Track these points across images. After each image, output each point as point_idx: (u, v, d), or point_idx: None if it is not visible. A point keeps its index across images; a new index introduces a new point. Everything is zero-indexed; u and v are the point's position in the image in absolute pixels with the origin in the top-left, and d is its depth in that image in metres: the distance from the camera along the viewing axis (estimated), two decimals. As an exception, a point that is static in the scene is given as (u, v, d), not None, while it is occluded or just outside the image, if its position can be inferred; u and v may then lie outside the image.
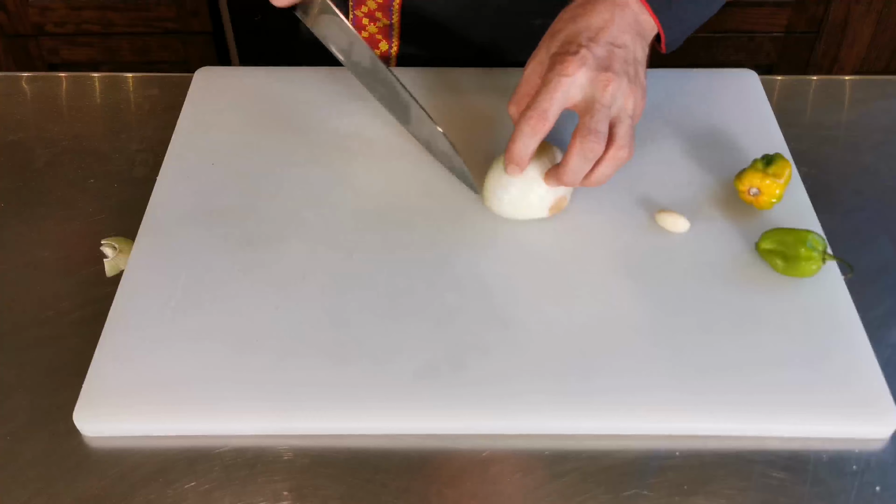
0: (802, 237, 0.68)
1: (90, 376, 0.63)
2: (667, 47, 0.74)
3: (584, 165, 0.68)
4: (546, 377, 0.62)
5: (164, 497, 0.58)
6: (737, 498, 0.58)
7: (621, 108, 0.68)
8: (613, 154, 0.67)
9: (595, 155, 0.67)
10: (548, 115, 0.66)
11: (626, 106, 0.68)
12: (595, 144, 0.66)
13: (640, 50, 0.71)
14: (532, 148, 0.68)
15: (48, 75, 0.96)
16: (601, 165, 0.68)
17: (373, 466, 0.59)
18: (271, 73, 0.90)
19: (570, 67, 0.66)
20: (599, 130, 0.66)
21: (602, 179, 0.69)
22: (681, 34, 0.75)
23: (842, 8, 1.74)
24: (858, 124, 0.89)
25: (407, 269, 0.70)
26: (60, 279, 0.72)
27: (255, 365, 0.63)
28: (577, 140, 0.66)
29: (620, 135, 0.67)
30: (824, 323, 0.66)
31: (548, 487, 0.58)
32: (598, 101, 0.67)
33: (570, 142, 0.67)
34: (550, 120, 0.67)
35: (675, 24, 0.73)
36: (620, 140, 0.67)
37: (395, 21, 0.92)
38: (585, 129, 0.66)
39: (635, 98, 0.69)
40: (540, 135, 0.67)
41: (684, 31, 0.75)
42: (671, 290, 0.68)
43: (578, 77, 0.66)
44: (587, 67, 0.67)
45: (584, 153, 0.66)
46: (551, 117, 0.67)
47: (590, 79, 0.67)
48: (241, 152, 0.80)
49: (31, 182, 0.82)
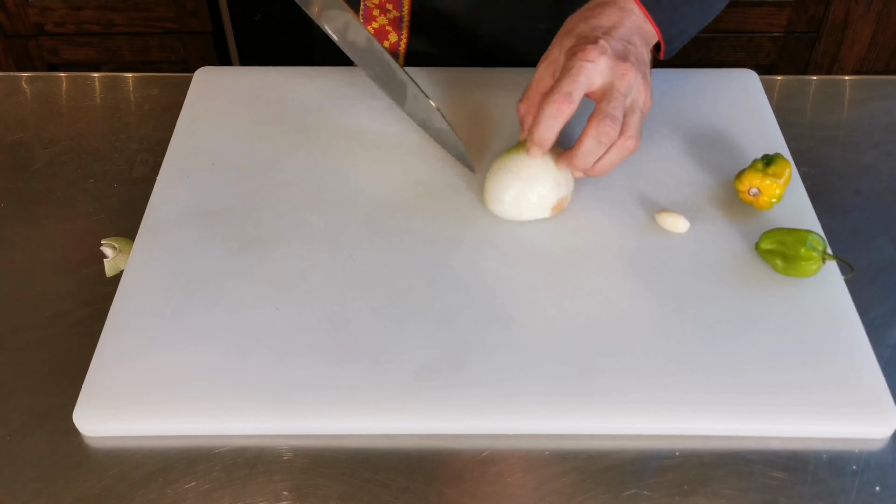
0: (802, 237, 0.68)
1: (90, 376, 0.63)
2: (665, 55, 0.76)
3: (598, 149, 0.69)
4: (546, 377, 0.62)
5: (164, 497, 0.58)
6: (737, 498, 0.58)
7: (635, 100, 0.69)
8: (622, 143, 0.69)
9: (609, 139, 0.68)
10: (572, 97, 0.68)
11: (638, 99, 0.70)
12: (610, 129, 0.67)
13: (646, 53, 0.73)
14: (556, 130, 0.69)
15: (48, 75, 0.96)
16: (609, 154, 0.70)
17: (373, 466, 0.59)
18: (271, 73, 0.90)
19: (592, 54, 0.68)
20: (616, 116, 0.68)
21: (607, 168, 0.71)
22: (678, 44, 0.77)
23: (842, 8, 1.74)
24: (858, 124, 0.89)
25: (407, 269, 0.70)
26: (60, 279, 0.72)
27: (255, 365, 0.63)
28: (594, 123, 0.68)
29: (630, 125, 0.69)
30: (824, 323, 0.66)
31: (548, 487, 0.58)
32: (616, 88, 0.68)
33: (586, 126, 0.68)
34: (574, 102, 0.68)
35: (676, 35, 0.75)
36: (630, 130, 0.69)
37: (405, 12, 0.93)
38: (602, 113, 0.68)
39: (645, 95, 0.70)
40: (564, 117, 0.68)
41: (682, 41, 0.77)
42: (671, 290, 0.68)
43: (600, 64, 0.68)
44: (607, 56, 0.68)
45: (598, 136, 0.68)
46: (575, 99, 0.68)
47: (609, 67, 0.68)
48: (241, 152, 0.80)
49: (31, 182, 0.82)
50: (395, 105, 0.82)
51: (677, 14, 0.74)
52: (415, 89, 0.79)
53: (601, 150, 0.69)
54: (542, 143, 0.70)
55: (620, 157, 0.70)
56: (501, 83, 0.87)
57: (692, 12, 0.76)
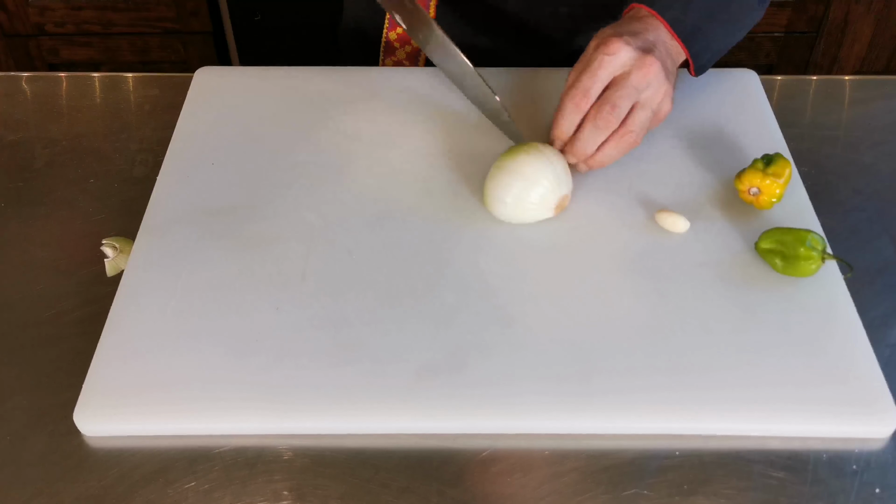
0: (802, 237, 0.68)
1: (90, 376, 0.63)
2: (696, 72, 0.77)
3: (595, 135, 0.69)
4: (546, 377, 0.62)
5: (164, 497, 0.58)
6: (737, 498, 0.58)
7: (649, 97, 0.70)
8: (621, 134, 0.70)
9: (607, 125, 0.68)
10: (590, 92, 0.69)
11: (653, 97, 0.70)
12: (610, 116, 0.68)
13: (671, 63, 0.73)
14: (575, 123, 0.70)
15: (48, 75, 0.96)
16: (607, 145, 0.70)
17: (373, 466, 0.59)
18: (271, 73, 0.90)
19: (613, 47, 0.69)
20: (618, 105, 0.68)
21: (605, 160, 0.71)
22: (706, 60, 0.77)
23: (842, 8, 1.74)
24: (858, 124, 0.89)
25: (407, 269, 0.70)
26: (60, 279, 0.72)
27: (255, 365, 0.63)
28: (593, 108, 0.69)
29: (635, 120, 0.69)
30: (824, 322, 0.66)
31: (548, 487, 0.58)
32: (631, 79, 0.69)
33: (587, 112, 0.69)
34: (592, 97, 0.69)
35: (701, 51, 0.76)
36: (632, 124, 0.69)
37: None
38: (604, 99, 0.68)
39: (665, 98, 0.70)
40: (581, 111, 0.69)
41: (709, 58, 0.78)
42: (671, 290, 0.68)
43: (621, 55, 0.69)
44: (630, 48, 0.69)
45: (595, 122, 0.68)
46: (593, 94, 0.69)
47: (631, 58, 0.69)
48: (241, 152, 0.80)
49: (31, 182, 0.82)
50: (394, 105, 0.82)
51: (700, 32, 0.75)
52: (485, 88, 0.80)
53: (599, 136, 0.69)
54: (561, 136, 0.71)
55: (619, 150, 0.70)
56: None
57: (716, 30, 0.76)
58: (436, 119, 0.82)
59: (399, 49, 0.95)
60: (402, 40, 0.95)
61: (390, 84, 0.87)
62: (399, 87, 0.87)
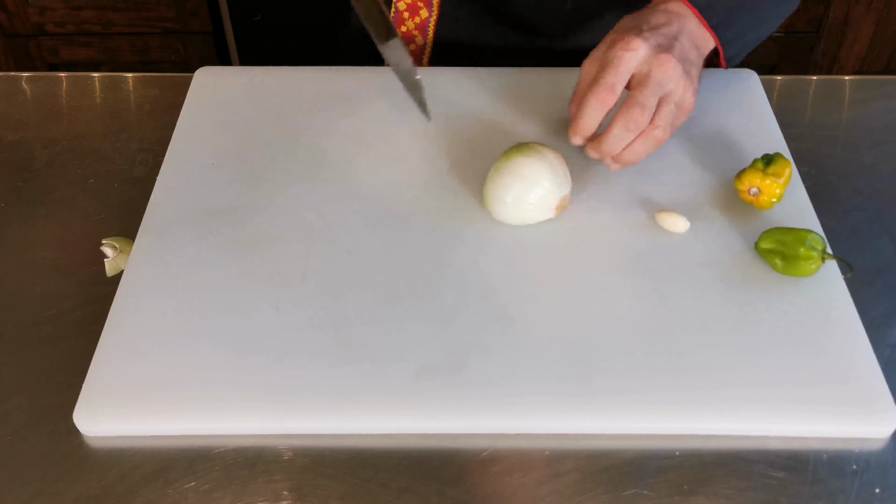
0: (802, 237, 0.68)
1: (90, 376, 0.63)
2: (727, 62, 0.77)
3: (626, 136, 0.70)
4: (546, 377, 0.62)
5: (164, 497, 0.58)
6: (737, 498, 0.58)
7: (671, 91, 0.70)
8: (650, 132, 0.70)
9: (638, 127, 0.69)
10: (615, 88, 0.69)
11: (676, 91, 0.70)
12: (640, 116, 0.68)
13: (696, 56, 0.73)
14: (597, 120, 0.70)
15: (48, 75, 0.96)
16: (636, 142, 0.70)
17: (373, 466, 0.59)
18: (271, 73, 0.90)
19: (633, 43, 0.69)
20: (647, 105, 0.68)
21: (634, 158, 0.72)
22: (738, 49, 0.77)
23: (842, 8, 1.74)
24: (858, 124, 0.89)
25: (407, 269, 0.70)
26: (60, 279, 0.72)
27: (255, 365, 0.63)
28: (623, 109, 0.69)
29: (662, 116, 0.70)
30: (824, 322, 0.66)
31: (548, 487, 0.58)
32: (653, 77, 0.69)
33: (617, 112, 0.69)
34: (616, 93, 0.69)
35: (733, 39, 0.75)
36: (660, 120, 0.70)
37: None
38: (633, 100, 0.69)
39: (686, 92, 0.70)
40: (605, 108, 0.69)
41: (741, 47, 0.77)
42: (671, 290, 0.68)
43: (640, 52, 0.69)
44: (648, 44, 0.69)
45: (626, 123, 0.68)
46: (617, 91, 0.69)
47: (650, 55, 0.69)
48: (241, 152, 0.80)
49: (31, 182, 0.82)
50: (394, 105, 0.82)
51: (732, 17, 0.74)
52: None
53: (629, 136, 0.70)
54: (583, 132, 0.71)
55: (647, 148, 0.71)
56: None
57: (747, 17, 0.76)
58: (436, 119, 0.82)
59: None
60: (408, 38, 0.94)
61: (390, 84, 0.87)
62: (399, 87, 0.86)
